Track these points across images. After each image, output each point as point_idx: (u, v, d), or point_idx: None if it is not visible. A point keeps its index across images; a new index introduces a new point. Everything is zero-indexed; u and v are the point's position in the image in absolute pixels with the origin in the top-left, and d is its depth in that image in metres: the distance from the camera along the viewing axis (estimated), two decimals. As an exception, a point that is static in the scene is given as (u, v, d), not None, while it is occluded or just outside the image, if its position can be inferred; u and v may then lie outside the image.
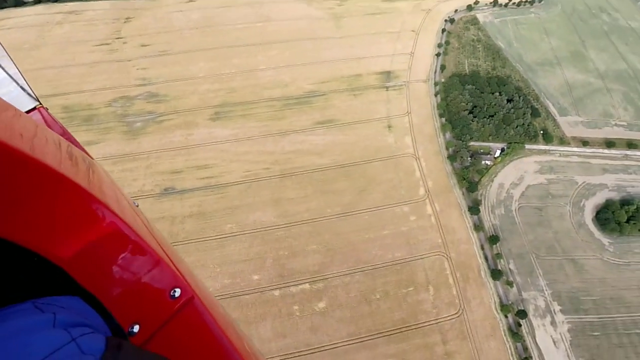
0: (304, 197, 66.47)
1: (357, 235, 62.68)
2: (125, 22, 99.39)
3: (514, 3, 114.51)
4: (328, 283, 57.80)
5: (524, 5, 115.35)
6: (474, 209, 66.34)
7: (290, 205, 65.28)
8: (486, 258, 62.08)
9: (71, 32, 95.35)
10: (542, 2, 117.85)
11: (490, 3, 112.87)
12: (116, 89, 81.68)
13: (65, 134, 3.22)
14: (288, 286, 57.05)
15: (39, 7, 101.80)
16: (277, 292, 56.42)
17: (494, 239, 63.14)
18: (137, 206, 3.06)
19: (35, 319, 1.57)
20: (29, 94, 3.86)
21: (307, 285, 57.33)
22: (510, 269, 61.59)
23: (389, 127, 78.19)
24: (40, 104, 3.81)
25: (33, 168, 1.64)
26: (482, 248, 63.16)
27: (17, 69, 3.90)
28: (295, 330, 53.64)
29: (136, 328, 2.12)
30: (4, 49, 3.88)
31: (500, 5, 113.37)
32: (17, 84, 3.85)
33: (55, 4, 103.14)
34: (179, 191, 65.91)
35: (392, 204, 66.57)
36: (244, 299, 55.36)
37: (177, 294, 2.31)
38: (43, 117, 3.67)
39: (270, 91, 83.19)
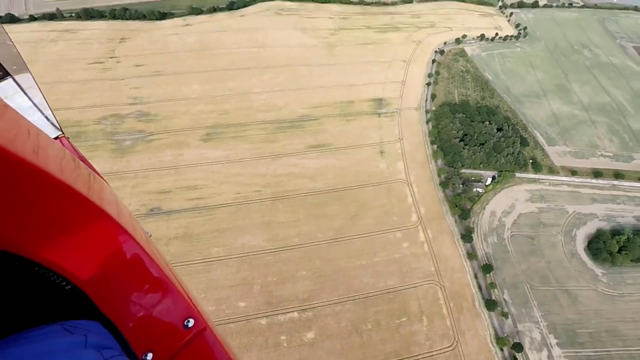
0: (295, 221, 64.89)
1: (348, 261, 60.90)
2: (120, 42, 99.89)
3: (500, 37, 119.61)
4: (318, 312, 55.33)
5: (510, 39, 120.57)
6: (466, 236, 65.55)
7: (281, 229, 63.52)
8: (480, 287, 60.67)
9: (65, 49, 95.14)
10: (527, 37, 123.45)
11: (478, 37, 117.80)
12: (107, 106, 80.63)
13: (84, 163, 3.21)
14: (276, 314, 54.36)
15: (34, 24, 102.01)
16: (264, 321, 53.62)
17: (487, 268, 62.02)
18: (150, 236, 3.02)
19: (68, 340, 1.70)
20: (52, 123, 4.01)
21: (295, 314, 54.74)
22: (504, 299, 60.19)
23: (381, 152, 78.31)
24: (63, 133, 4.01)
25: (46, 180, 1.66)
26: (476, 277, 61.87)
27: (44, 98, 3.96)
28: (283, 363, 50.60)
29: (149, 356, 2.13)
30: (34, 79, 3.88)
31: (487, 39, 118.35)
32: (42, 113, 3.96)
33: (51, 22, 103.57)
34: (166, 212, 63.73)
35: (384, 230, 65.41)
36: (228, 328, 52.32)
37: (190, 324, 2.32)
38: (64, 147, 3.73)
39: (263, 114, 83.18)
